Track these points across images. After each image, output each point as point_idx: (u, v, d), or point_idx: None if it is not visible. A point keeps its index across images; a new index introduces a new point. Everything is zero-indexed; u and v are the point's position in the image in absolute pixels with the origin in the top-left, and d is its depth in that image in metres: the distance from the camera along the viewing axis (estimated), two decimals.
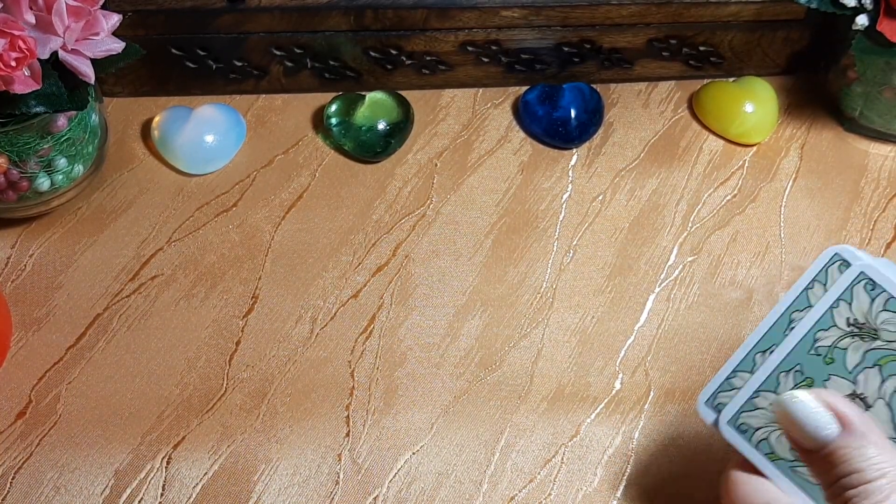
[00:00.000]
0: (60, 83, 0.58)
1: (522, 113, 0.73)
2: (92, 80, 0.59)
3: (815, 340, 0.41)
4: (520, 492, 0.56)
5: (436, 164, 0.71)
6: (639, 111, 0.75)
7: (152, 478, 0.56)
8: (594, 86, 0.74)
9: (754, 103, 0.72)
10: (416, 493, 0.56)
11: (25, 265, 0.65)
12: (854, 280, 0.40)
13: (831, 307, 0.41)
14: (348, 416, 0.59)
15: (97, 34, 0.59)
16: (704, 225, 0.68)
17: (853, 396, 0.41)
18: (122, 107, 0.74)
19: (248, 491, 0.56)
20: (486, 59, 0.74)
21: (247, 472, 0.56)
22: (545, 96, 0.73)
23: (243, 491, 0.56)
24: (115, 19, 0.59)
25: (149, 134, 0.72)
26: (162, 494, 0.55)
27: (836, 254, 0.42)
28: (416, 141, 0.72)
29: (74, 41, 0.58)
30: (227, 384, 0.60)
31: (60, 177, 0.64)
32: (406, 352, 0.62)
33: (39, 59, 0.56)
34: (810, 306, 0.42)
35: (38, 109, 0.58)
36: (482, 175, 0.71)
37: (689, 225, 0.68)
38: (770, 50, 0.76)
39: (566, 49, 0.74)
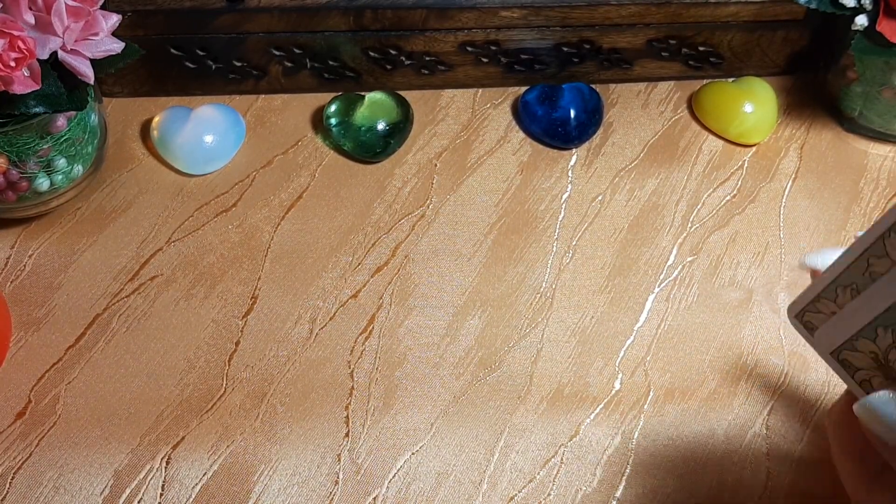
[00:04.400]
0: (60, 83, 0.58)
1: (522, 113, 0.73)
2: (91, 81, 0.59)
3: None
4: (519, 492, 0.56)
5: (435, 165, 0.71)
6: (638, 111, 0.75)
7: (152, 478, 0.56)
8: (594, 86, 0.74)
9: (754, 103, 0.72)
10: (415, 493, 0.56)
11: (25, 265, 0.65)
12: None
13: None
14: (348, 416, 0.59)
15: (96, 34, 0.59)
16: (704, 225, 0.68)
17: None
18: (122, 107, 0.74)
19: (248, 491, 0.56)
20: (485, 60, 0.74)
21: (246, 473, 0.56)
22: (544, 96, 0.73)
23: (242, 491, 0.56)
24: (114, 19, 0.59)
25: (148, 134, 0.72)
26: (161, 494, 0.55)
27: None
28: (415, 141, 0.72)
29: (74, 41, 0.58)
30: (226, 384, 0.60)
31: (60, 177, 0.64)
32: (405, 352, 0.62)
33: (39, 60, 0.56)
34: None
35: (37, 110, 0.58)
36: (482, 175, 0.71)
37: (689, 225, 0.68)
38: (769, 50, 0.76)
39: (565, 49, 0.74)
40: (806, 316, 0.44)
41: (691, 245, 0.67)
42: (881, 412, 0.38)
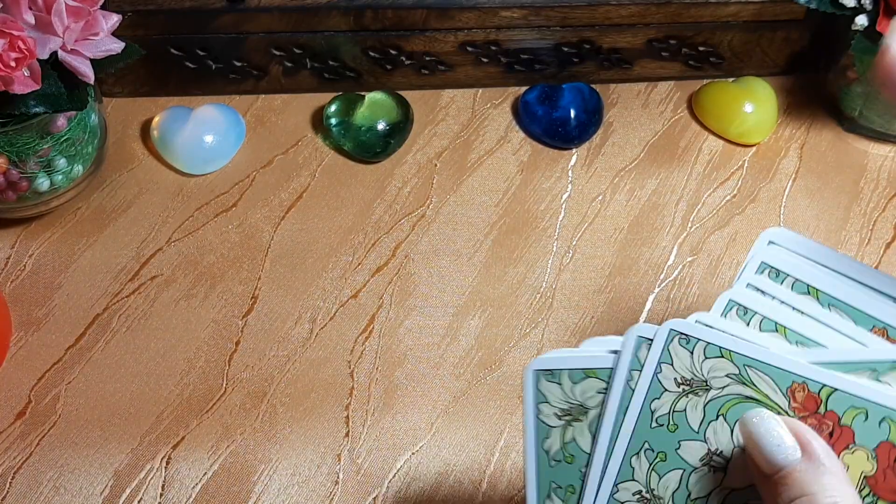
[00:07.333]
0: (60, 83, 0.58)
1: (522, 113, 0.73)
2: (91, 81, 0.59)
3: (653, 412, 0.40)
4: (520, 492, 0.56)
5: (435, 165, 0.71)
6: (638, 111, 0.75)
7: (152, 478, 0.56)
8: (594, 86, 0.74)
9: (754, 103, 0.72)
10: (415, 493, 0.56)
11: (25, 265, 0.65)
12: (667, 339, 0.39)
13: (655, 373, 0.40)
14: (348, 416, 0.59)
15: (97, 34, 0.59)
16: (704, 225, 0.68)
17: (710, 455, 0.39)
18: (122, 107, 0.74)
19: (248, 491, 0.56)
20: (485, 60, 0.74)
21: (246, 472, 0.56)
22: (545, 96, 0.73)
23: (243, 491, 0.56)
24: (114, 19, 0.59)
25: (148, 134, 0.72)
26: (161, 494, 0.55)
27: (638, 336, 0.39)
28: (415, 141, 0.72)
29: (74, 41, 0.58)
30: (226, 384, 0.60)
31: (60, 177, 0.64)
32: (406, 352, 0.62)
33: (39, 60, 0.56)
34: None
35: (37, 109, 0.58)
36: (482, 175, 0.71)
37: (689, 225, 0.68)
38: (770, 50, 0.76)
39: (566, 49, 0.74)
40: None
41: (691, 245, 0.67)
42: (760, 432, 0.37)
